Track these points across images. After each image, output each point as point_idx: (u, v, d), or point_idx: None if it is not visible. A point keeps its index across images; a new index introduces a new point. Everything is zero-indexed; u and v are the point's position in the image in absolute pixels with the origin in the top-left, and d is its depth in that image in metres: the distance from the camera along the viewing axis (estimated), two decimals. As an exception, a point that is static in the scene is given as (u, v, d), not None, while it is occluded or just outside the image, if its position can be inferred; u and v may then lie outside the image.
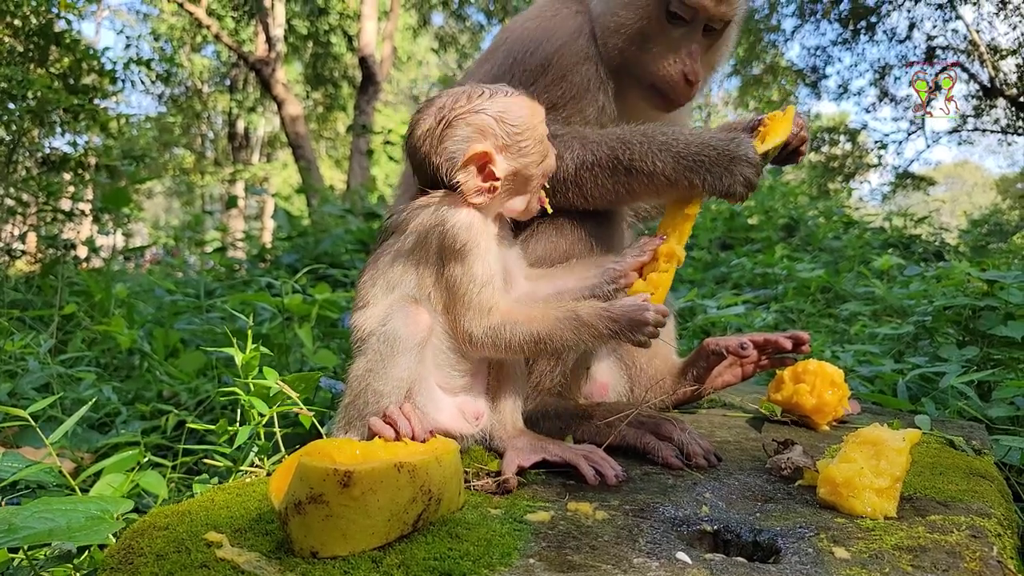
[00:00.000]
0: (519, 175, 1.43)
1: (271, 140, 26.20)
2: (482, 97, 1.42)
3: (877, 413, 2.04)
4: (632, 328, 1.28)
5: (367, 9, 14.49)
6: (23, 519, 1.12)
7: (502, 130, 1.39)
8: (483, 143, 1.38)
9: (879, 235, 6.70)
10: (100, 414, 2.54)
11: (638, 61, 1.72)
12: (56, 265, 4.68)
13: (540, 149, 1.44)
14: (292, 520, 0.96)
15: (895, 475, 1.19)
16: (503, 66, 1.74)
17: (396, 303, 1.35)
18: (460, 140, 1.39)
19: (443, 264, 1.37)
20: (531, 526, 1.11)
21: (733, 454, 1.56)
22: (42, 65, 6.95)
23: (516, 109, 1.42)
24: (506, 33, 1.85)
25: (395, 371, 1.29)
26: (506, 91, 1.45)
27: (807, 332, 1.96)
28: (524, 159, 1.42)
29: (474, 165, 1.39)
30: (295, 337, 2.87)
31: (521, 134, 1.40)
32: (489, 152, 1.38)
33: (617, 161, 1.57)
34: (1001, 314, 2.56)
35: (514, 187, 1.45)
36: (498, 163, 1.40)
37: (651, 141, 1.57)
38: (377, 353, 1.30)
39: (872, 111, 19.35)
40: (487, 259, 1.37)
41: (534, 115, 1.44)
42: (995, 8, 15.71)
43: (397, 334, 1.30)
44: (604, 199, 1.64)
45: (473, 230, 1.37)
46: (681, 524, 1.15)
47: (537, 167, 1.45)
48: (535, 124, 1.43)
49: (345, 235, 6.73)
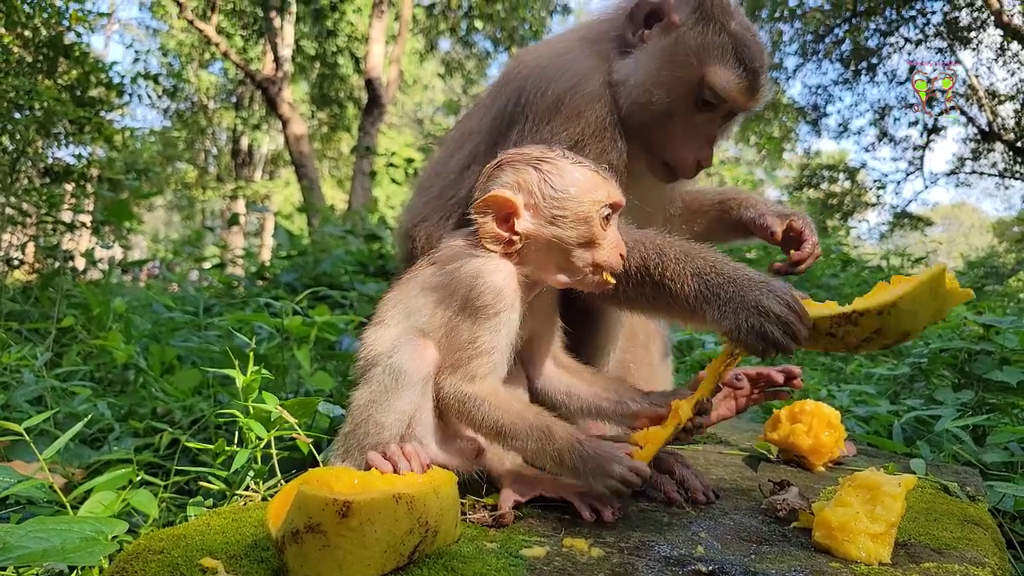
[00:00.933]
0: (552, 246, 1.35)
1: (274, 158, 26.35)
2: (547, 155, 1.37)
3: (872, 455, 2.04)
4: (595, 474, 1.24)
5: (375, 32, 14.67)
6: (17, 538, 1.11)
7: (540, 190, 1.34)
8: (513, 193, 1.34)
9: (876, 274, 6.73)
10: (93, 429, 2.52)
11: (658, 139, 1.71)
12: (55, 277, 4.68)
13: (581, 229, 1.33)
14: (289, 549, 0.96)
15: (890, 521, 1.19)
16: (513, 108, 1.71)
17: (406, 333, 1.35)
18: (498, 182, 1.37)
19: (459, 312, 1.34)
20: (526, 561, 1.11)
21: (729, 493, 1.56)
22: (50, 76, 7.00)
23: (568, 178, 1.34)
24: (519, 67, 1.81)
25: (399, 404, 1.29)
26: (577, 160, 1.37)
27: (799, 367, 1.97)
28: (555, 229, 1.33)
29: (493, 210, 1.35)
30: (292, 358, 2.86)
31: (559, 202, 1.33)
32: (514, 204, 1.34)
33: (646, 272, 1.47)
34: (997, 358, 2.57)
35: (548, 257, 1.37)
36: (522, 219, 1.35)
37: (687, 262, 1.45)
38: (381, 384, 1.30)
39: (871, 150, 19.57)
40: (501, 330, 1.33)
41: (588, 192, 1.34)
42: (994, 54, 15.97)
43: (403, 367, 1.30)
44: (631, 306, 1.58)
45: (502, 296, 1.32)
46: (676, 564, 1.15)
47: (577, 246, 1.34)
48: (583, 201, 1.33)
49: (345, 256, 6.74)
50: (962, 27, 16.16)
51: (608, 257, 1.36)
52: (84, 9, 7.03)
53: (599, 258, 1.35)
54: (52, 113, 6.45)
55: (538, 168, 1.35)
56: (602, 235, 1.35)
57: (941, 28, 16.42)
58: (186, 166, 26.46)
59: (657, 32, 1.68)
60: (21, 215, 6.43)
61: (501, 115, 1.74)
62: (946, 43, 16.44)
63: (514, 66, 1.84)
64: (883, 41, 17.25)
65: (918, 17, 16.55)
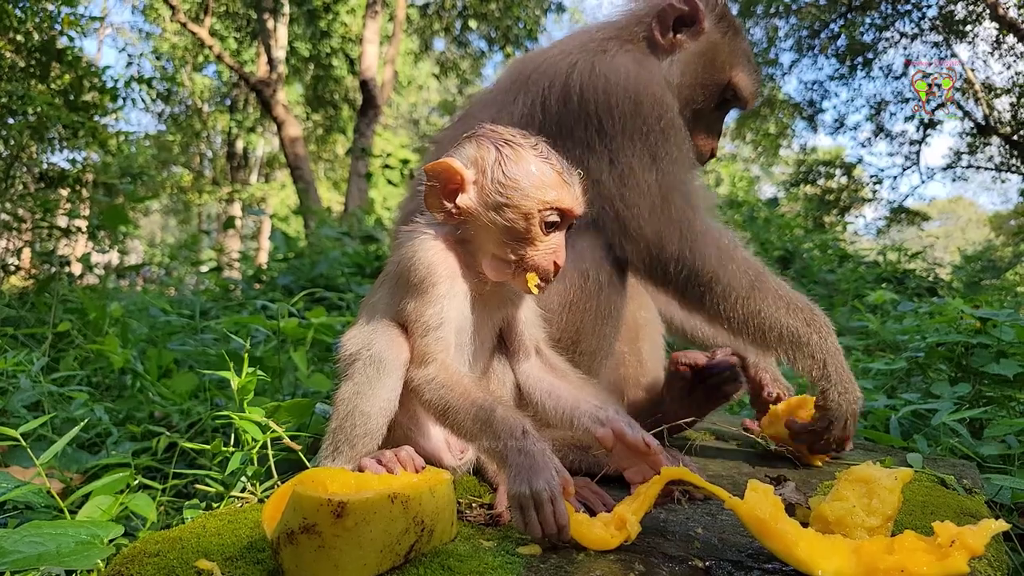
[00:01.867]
0: (487, 230, 1.31)
1: (270, 160, 26.32)
2: (515, 139, 1.32)
3: (869, 449, 2.04)
4: (523, 475, 1.12)
5: (369, 33, 14.66)
6: (12, 543, 1.11)
7: (491, 171, 1.29)
8: (464, 167, 1.31)
9: (873, 269, 6.75)
10: (91, 434, 2.52)
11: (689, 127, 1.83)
12: (51, 282, 4.67)
13: (518, 223, 1.28)
14: (284, 550, 0.96)
15: (887, 514, 1.19)
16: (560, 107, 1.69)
17: (378, 326, 1.35)
18: (459, 153, 1.33)
19: (405, 294, 1.33)
20: (523, 559, 1.11)
21: (726, 488, 1.55)
22: (43, 81, 6.99)
23: (524, 168, 1.29)
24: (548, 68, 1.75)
25: (382, 392, 1.29)
26: (547, 157, 1.31)
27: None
28: (493, 215, 1.29)
29: (440, 179, 1.31)
30: (289, 360, 2.86)
31: (504, 189, 1.28)
32: (462, 178, 1.30)
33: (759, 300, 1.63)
34: (993, 351, 2.57)
35: (483, 241, 1.33)
36: (466, 194, 1.31)
37: (809, 319, 1.66)
38: (364, 375, 1.30)
39: (868, 146, 19.51)
40: (441, 302, 1.29)
41: (537, 189, 1.28)
42: (990, 48, 16.00)
43: (383, 356, 1.30)
44: (711, 317, 1.70)
45: (434, 268, 1.30)
46: (673, 560, 1.15)
47: (511, 239, 1.29)
48: (529, 195, 1.27)
49: (342, 258, 6.74)
50: (958, 21, 16.18)
51: (540, 261, 1.30)
52: (76, 13, 7.02)
53: (530, 258, 1.30)
54: (46, 118, 6.44)
55: (500, 149, 1.30)
56: (540, 236, 1.29)
57: (936, 22, 16.45)
58: (181, 170, 26.44)
59: (687, 37, 1.82)
60: (16, 221, 6.42)
61: (531, 115, 1.71)
62: (942, 37, 16.47)
63: (534, 66, 1.80)
64: (879, 36, 17.27)
65: (913, 11, 16.58)
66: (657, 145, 1.64)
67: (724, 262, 1.63)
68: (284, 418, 1.65)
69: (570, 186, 1.31)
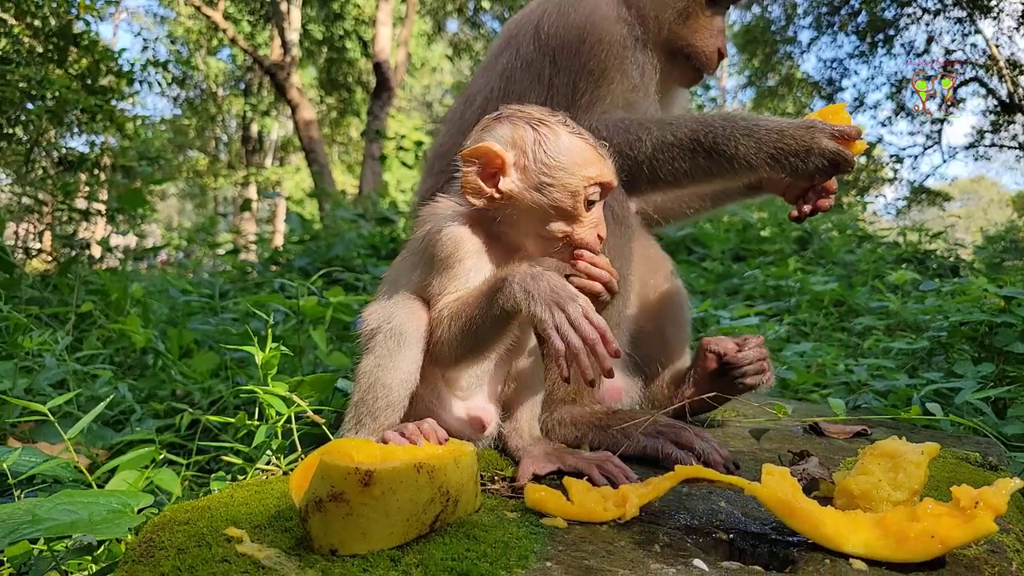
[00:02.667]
0: (531, 211, 1.31)
1: (284, 144, 26.40)
2: (548, 118, 1.32)
3: (892, 427, 2.03)
4: (541, 293, 1.15)
5: (382, 15, 14.61)
6: (46, 511, 1.13)
7: (533, 151, 1.28)
8: (505, 149, 1.29)
9: (893, 250, 6.68)
10: (115, 411, 2.56)
11: (680, 33, 1.89)
12: (72, 264, 4.72)
13: (565, 201, 1.28)
14: (312, 517, 0.97)
15: (913, 488, 1.18)
16: (531, 50, 1.79)
17: (399, 300, 1.36)
18: (493, 134, 1.32)
19: (430, 270, 1.34)
20: (547, 530, 1.12)
21: (748, 464, 1.55)
22: (60, 66, 7.04)
23: (566, 146, 1.29)
24: (525, 20, 1.89)
25: (403, 364, 1.30)
26: (579, 132, 1.32)
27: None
28: (538, 195, 1.29)
29: (481, 162, 1.30)
30: (309, 339, 2.88)
31: (550, 169, 1.28)
32: (504, 160, 1.29)
33: (698, 143, 1.62)
34: (1018, 331, 2.55)
35: (525, 221, 1.33)
36: (508, 177, 1.30)
37: (733, 125, 1.61)
38: (384, 348, 1.31)
39: (888, 125, 19.29)
40: (468, 277, 1.31)
41: (581, 166, 1.28)
42: (1015, 23, 15.66)
43: (403, 329, 1.31)
44: (675, 182, 1.71)
45: (461, 244, 1.31)
46: (696, 532, 1.15)
47: (557, 217, 1.30)
48: (574, 173, 1.28)
49: (357, 239, 6.77)
50: (981, -4, 15.85)
51: (586, 235, 1.31)
52: (92, -2, 7.04)
53: (576, 234, 1.31)
54: (64, 102, 6.49)
55: (536, 129, 1.30)
56: (583, 212, 1.30)
57: (959, -3, 16.12)
58: (197, 154, 26.58)
59: None
60: (38, 204, 6.49)
61: (511, 67, 1.82)
62: (965, 13, 16.14)
63: (516, 21, 1.94)
64: (900, 12, 16.96)
65: (935, -14, 16.26)
66: (584, 85, 1.73)
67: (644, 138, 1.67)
68: (307, 392, 1.66)
69: (605, 159, 1.33)
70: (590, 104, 1.72)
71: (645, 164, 1.66)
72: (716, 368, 1.85)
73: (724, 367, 1.83)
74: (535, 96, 1.74)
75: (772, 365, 1.87)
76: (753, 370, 1.82)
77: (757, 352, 1.82)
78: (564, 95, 1.74)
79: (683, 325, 2.05)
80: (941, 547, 0.99)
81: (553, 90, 1.74)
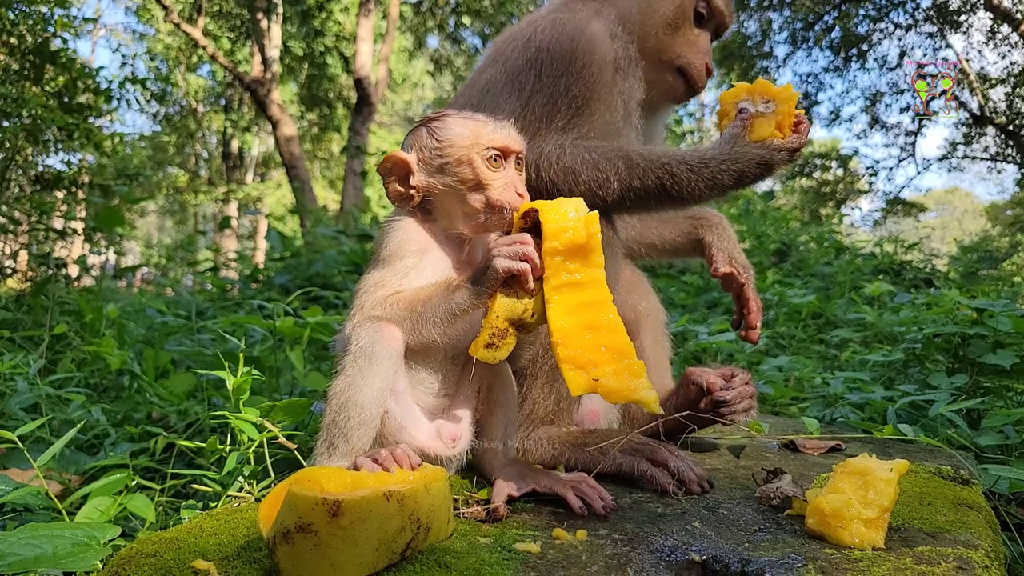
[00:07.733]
0: (447, 193, 1.43)
1: (265, 160, 26.27)
2: (439, 114, 1.48)
3: (867, 441, 2.04)
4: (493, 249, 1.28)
5: (363, 31, 14.63)
6: (9, 545, 1.11)
7: (427, 143, 1.44)
8: (407, 152, 1.45)
9: (870, 261, 6.74)
10: (88, 435, 2.51)
11: (670, 45, 1.92)
12: (47, 284, 4.66)
13: (465, 171, 1.40)
14: (280, 549, 0.96)
15: (883, 506, 1.19)
16: (519, 62, 1.77)
17: (364, 320, 1.37)
18: (401, 146, 1.49)
19: (374, 268, 1.43)
20: (520, 555, 1.11)
21: (723, 482, 1.56)
22: (37, 83, 6.98)
23: (452, 128, 1.43)
24: (517, 33, 1.86)
25: (374, 381, 1.30)
26: (467, 116, 1.46)
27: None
28: (443, 177, 1.42)
29: (394, 172, 1.45)
30: (286, 360, 2.86)
31: (441, 151, 1.41)
32: (407, 161, 1.44)
33: (662, 190, 1.65)
34: (990, 342, 2.58)
35: (449, 205, 1.44)
36: (415, 174, 1.44)
37: (698, 176, 1.63)
38: (355, 367, 1.31)
39: (863, 137, 19.53)
40: (408, 273, 1.40)
41: (468, 138, 1.41)
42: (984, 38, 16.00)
43: (371, 347, 1.31)
44: (636, 214, 1.88)
45: (405, 243, 1.42)
46: (670, 554, 1.15)
47: (468, 189, 1.41)
48: (462, 145, 1.40)
49: (338, 256, 6.73)
50: (952, 11, 16.18)
51: (501, 196, 1.40)
52: (69, 15, 7.00)
53: (493, 197, 1.40)
54: (40, 120, 6.42)
55: (428, 125, 1.46)
56: (490, 176, 1.40)
57: (931, 12, 16.45)
58: (177, 170, 26.38)
59: None
60: (12, 223, 6.40)
61: (492, 79, 1.80)
62: (936, 28, 16.47)
63: (504, 37, 1.92)
64: (873, 27, 17.27)
65: (908, 2, 16.57)
66: (565, 110, 1.72)
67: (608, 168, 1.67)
68: (280, 417, 1.65)
69: (499, 127, 1.43)
70: (565, 128, 1.70)
71: (613, 206, 1.69)
72: (697, 400, 1.81)
73: (712, 404, 1.78)
74: (509, 110, 1.71)
75: (755, 405, 1.84)
76: (741, 408, 1.79)
77: (743, 390, 1.79)
78: (540, 114, 1.71)
79: (661, 342, 2.06)
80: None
81: (530, 107, 1.71)
